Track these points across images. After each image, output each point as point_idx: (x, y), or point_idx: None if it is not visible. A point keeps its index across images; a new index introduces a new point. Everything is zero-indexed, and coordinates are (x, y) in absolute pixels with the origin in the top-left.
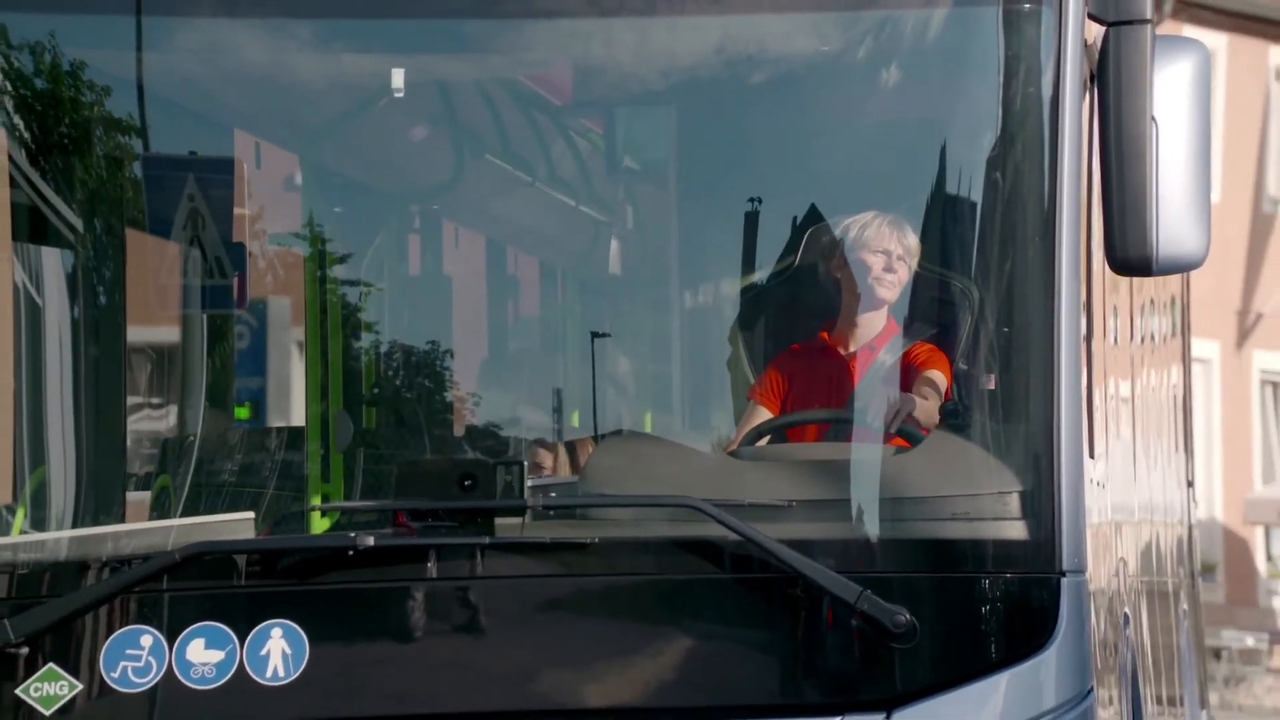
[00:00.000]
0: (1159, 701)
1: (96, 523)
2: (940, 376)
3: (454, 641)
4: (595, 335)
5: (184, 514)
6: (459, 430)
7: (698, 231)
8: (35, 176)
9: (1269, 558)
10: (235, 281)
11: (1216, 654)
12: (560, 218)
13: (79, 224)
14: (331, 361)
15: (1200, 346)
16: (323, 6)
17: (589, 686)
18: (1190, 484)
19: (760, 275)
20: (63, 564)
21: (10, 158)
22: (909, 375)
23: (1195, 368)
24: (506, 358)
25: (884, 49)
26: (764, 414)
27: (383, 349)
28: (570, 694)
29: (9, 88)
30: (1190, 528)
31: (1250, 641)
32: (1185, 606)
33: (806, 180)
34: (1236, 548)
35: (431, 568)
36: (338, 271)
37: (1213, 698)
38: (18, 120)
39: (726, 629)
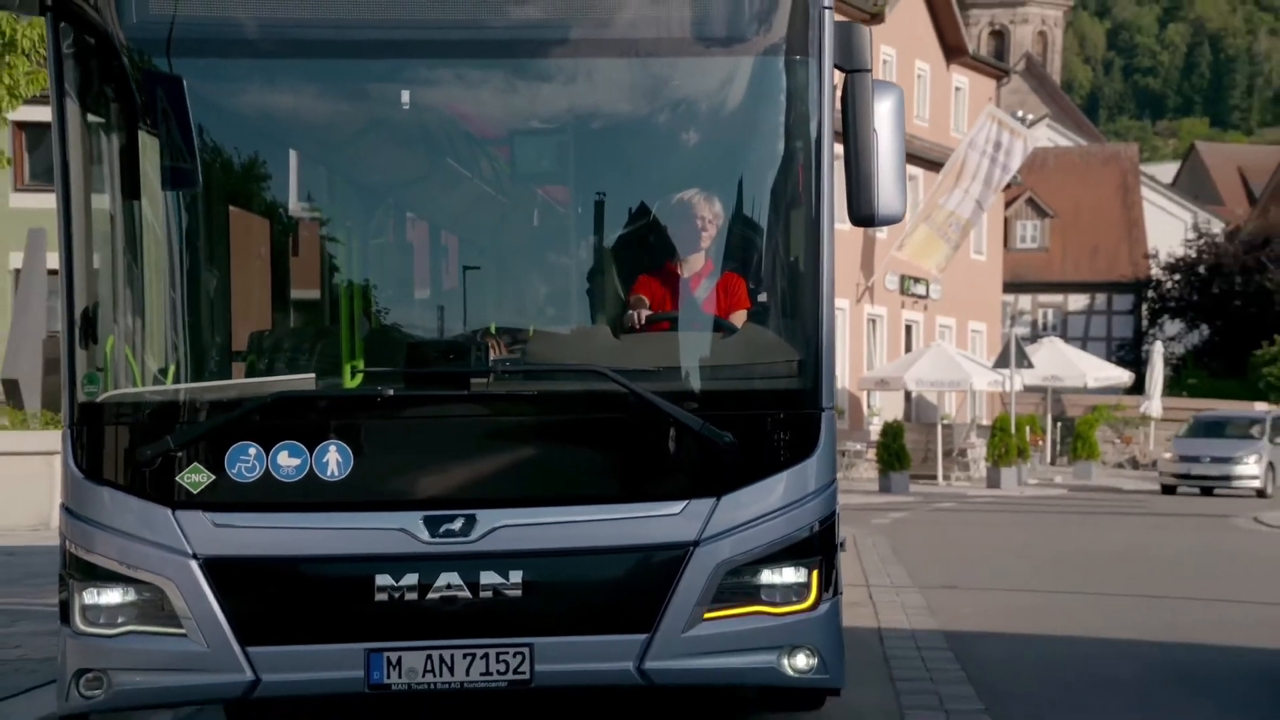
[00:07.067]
0: None
1: (219, 378)
2: (742, 293)
3: (447, 457)
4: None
5: (271, 374)
6: (444, 327)
7: (587, 205)
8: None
9: (868, 407)
10: (291, 239)
11: (842, 454)
12: (492, 203)
13: (205, 206)
14: (355, 289)
15: (839, 301)
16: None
17: (524, 482)
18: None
19: (629, 231)
20: (199, 404)
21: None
22: (724, 292)
23: (837, 314)
24: (468, 289)
25: (706, 85)
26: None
27: (389, 281)
28: (511, 487)
29: (151, 108)
30: None
31: (858, 447)
32: None
33: (656, 171)
34: (854, 403)
35: (429, 409)
36: (353, 237)
37: (839, 475)
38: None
39: (614, 448)
